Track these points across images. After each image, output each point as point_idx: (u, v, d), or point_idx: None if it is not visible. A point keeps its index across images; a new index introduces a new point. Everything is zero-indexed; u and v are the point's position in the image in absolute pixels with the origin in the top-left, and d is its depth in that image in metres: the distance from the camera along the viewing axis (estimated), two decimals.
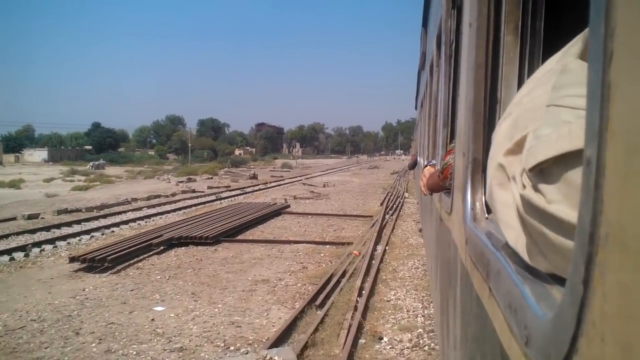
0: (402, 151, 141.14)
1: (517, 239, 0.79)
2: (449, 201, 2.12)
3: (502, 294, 0.90)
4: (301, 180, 33.48)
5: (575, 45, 0.83)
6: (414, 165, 10.44)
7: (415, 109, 16.79)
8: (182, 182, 32.11)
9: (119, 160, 79.24)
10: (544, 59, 0.98)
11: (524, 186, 0.68)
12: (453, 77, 2.75)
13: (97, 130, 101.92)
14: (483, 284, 1.13)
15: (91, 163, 59.90)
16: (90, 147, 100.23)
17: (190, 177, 36.22)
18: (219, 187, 26.99)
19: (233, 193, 23.93)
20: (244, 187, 27.00)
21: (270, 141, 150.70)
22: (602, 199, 0.43)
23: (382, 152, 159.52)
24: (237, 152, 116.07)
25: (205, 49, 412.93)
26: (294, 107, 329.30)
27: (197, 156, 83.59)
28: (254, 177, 36.36)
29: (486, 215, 1.36)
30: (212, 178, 36.53)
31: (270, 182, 31.35)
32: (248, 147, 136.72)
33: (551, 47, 1.06)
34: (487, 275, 1.06)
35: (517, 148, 0.80)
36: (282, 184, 30.10)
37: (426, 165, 3.80)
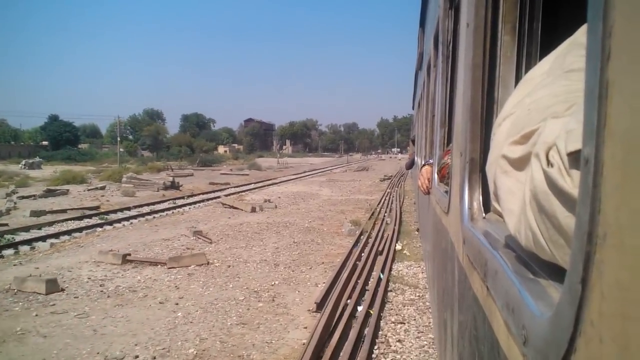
0: (398, 150, 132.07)
1: (518, 225, 0.78)
2: (446, 201, 2.13)
3: (500, 293, 0.90)
4: (242, 193, 21.91)
5: (573, 46, 0.83)
6: (411, 164, 10.46)
7: (413, 109, 16.82)
8: (26, 197, 18.85)
9: (77, 157, 65.88)
10: (541, 59, 0.99)
11: (550, 164, 0.67)
12: (450, 77, 2.75)
13: (53, 124, 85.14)
14: (481, 283, 1.12)
15: (24, 161, 48.50)
16: (46, 142, 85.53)
17: (51, 189, 21.38)
18: (53, 213, 15.08)
19: (51, 231, 12.00)
20: (112, 212, 15.70)
21: (258, 138, 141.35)
22: (600, 198, 0.43)
23: (378, 151, 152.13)
24: (222, 149, 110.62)
25: (196, 42, 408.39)
26: (289, 103, 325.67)
27: (172, 153, 76.61)
28: (173, 186, 23.66)
29: (483, 214, 1.36)
30: (103, 188, 23.20)
31: (190, 197, 20.19)
32: (235, 145, 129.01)
33: (548, 47, 1.06)
34: (485, 274, 1.06)
35: (524, 140, 0.80)
36: (198, 202, 18.71)
37: (424, 165, 3.81)
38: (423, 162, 4.38)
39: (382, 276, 7.11)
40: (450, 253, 2.01)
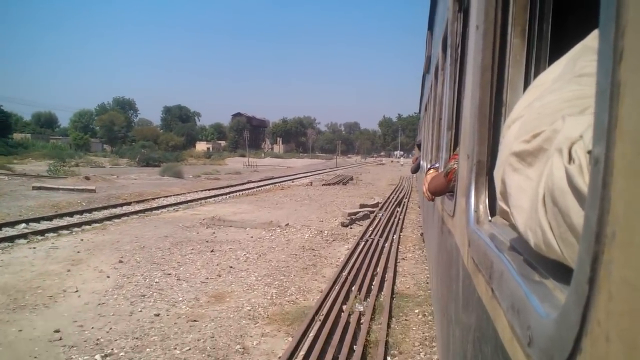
0: (402, 153, 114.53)
1: (528, 222, 0.78)
2: (452, 204, 2.12)
3: (505, 295, 0.90)
4: None
5: (585, 51, 0.83)
6: (416, 169, 10.44)
7: (419, 112, 16.81)
8: None
9: (2, 149, 55.01)
10: (551, 62, 0.99)
11: (572, 160, 0.66)
12: (458, 80, 2.75)
13: None
14: (485, 285, 1.12)
15: None
16: None
17: None
18: None
19: None
20: None
21: (242, 134, 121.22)
22: (609, 198, 0.43)
23: (381, 153, 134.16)
24: (204, 145, 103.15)
25: (195, 37, 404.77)
26: (290, 101, 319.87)
27: (132, 148, 67.99)
28: None
29: (489, 217, 1.36)
30: None
31: None
32: (222, 141, 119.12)
33: (558, 50, 1.06)
34: (490, 276, 1.06)
35: (533, 139, 0.80)
36: None
37: (429, 169, 3.80)
38: (429, 166, 4.37)
39: None
40: (455, 256, 2.01)
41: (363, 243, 9.47)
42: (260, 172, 43.81)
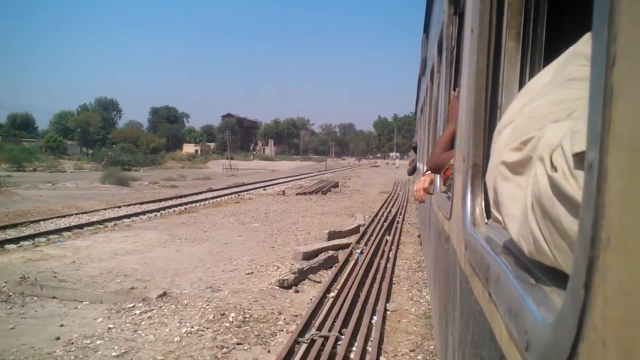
0: (397, 154, 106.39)
1: (520, 230, 0.78)
2: (448, 206, 2.12)
3: (502, 299, 0.90)
4: None
5: (574, 56, 0.83)
6: (413, 170, 10.45)
7: (415, 114, 16.84)
8: None
9: None
10: (545, 66, 0.99)
11: (554, 168, 0.66)
12: (454, 83, 2.76)
13: None
14: (482, 289, 1.12)
15: None
16: None
17: None
18: None
19: None
20: None
21: (236, 135, 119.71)
22: (604, 203, 0.43)
23: (377, 155, 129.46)
24: (192, 148, 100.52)
25: (188, 35, 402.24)
26: (285, 102, 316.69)
27: (103, 152, 61.19)
28: None
29: (486, 220, 1.36)
30: None
31: None
32: (211, 143, 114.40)
33: (552, 53, 1.06)
34: (487, 280, 1.05)
35: (523, 146, 0.80)
36: None
37: (426, 171, 3.81)
38: (425, 169, 4.38)
39: None
40: (451, 258, 2.01)
41: (302, 350, 4.21)
42: (238, 176, 39.33)
